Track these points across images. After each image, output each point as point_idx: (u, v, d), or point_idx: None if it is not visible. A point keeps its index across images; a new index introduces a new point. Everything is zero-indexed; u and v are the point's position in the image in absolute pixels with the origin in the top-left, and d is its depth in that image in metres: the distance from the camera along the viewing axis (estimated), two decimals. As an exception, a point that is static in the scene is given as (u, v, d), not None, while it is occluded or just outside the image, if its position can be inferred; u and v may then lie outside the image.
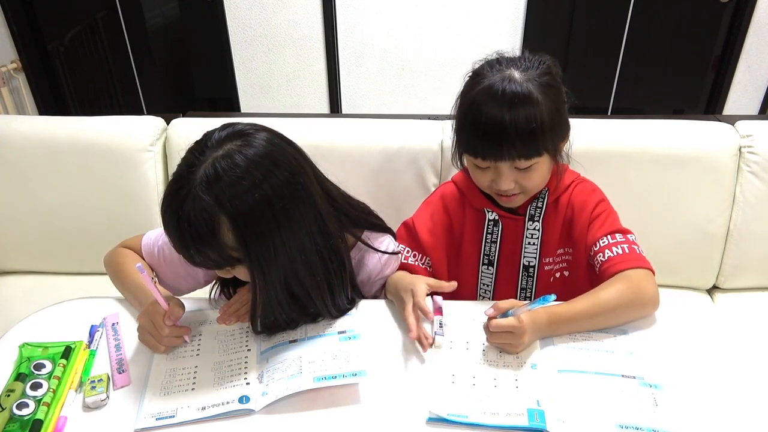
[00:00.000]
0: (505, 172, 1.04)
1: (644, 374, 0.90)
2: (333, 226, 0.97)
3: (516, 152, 1.00)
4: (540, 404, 0.85)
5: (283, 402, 0.88)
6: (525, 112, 0.98)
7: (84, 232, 1.61)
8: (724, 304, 1.57)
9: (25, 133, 1.56)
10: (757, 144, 1.46)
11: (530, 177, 1.05)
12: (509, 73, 1.01)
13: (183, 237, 0.87)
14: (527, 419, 0.83)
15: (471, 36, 2.37)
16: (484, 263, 1.19)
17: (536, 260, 1.16)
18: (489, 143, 1.01)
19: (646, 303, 1.02)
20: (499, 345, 0.95)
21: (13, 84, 2.52)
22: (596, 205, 1.14)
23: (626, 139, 1.47)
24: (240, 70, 2.51)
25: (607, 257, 1.06)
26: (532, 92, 0.99)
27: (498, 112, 0.98)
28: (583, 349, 0.95)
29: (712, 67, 2.45)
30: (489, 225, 1.16)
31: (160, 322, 0.95)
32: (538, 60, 1.05)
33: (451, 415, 0.84)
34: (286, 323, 0.99)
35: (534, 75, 1.01)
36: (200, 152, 0.88)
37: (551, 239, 1.15)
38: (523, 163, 1.02)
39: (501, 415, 0.84)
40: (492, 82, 1.01)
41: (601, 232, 1.10)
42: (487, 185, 1.09)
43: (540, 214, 1.14)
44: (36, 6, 2.49)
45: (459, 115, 1.07)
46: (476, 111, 1.01)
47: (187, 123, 1.58)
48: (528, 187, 1.07)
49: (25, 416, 0.86)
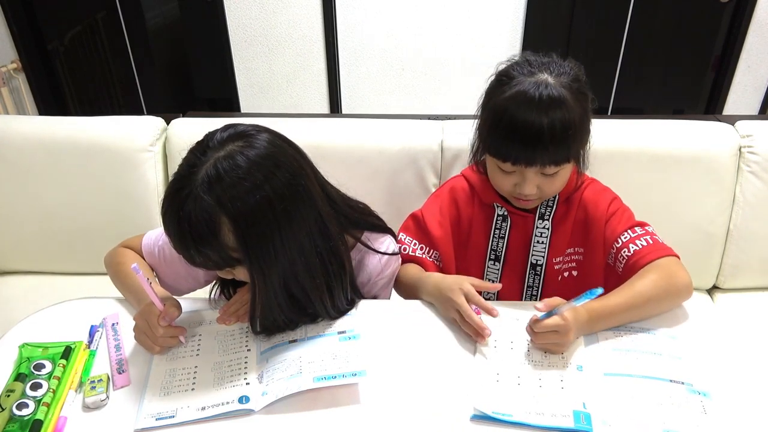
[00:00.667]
0: (530, 177, 1.04)
1: (693, 381, 0.89)
2: (333, 227, 0.97)
3: (548, 158, 1.00)
4: (586, 406, 0.85)
5: (283, 402, 0.88)
6: (561, 119, 0.98)
7: (84, 232, 1.61)
8: (724, 304, 1.57)
9: (25, 133, 1.56)
10: (757, 144, 1.46)
11: (554, 183, 1.06)
12: (543, 77, 1.00)
13: (183, 237, 0.87)
14: (573, 421, 0.83)
15: (471, 36, 2.37)
16: (490, 258, 1.19)
17: (544, 259, 1.16)
18: (523, 148, 1.00)
19: (681, 290, 1.02)
20: (544, 346, 0.94)
21: (13, 84, 2.52)
22: (610, 203, 1.14)
23: (626, 139, 1.47)
24: (240, 70, 2.51)
25: (633, 251, 1.07)
26: (567, 99, 0.99)
27: (535, 117, 0.97)
28: (630, 351, 0.95)
29: (712, 67, 2.45)
30: (498, 220, 1.16)
31: (155, 322, 0.95)
32: (568, 65, 1.05)
33: (496, 413, 0.84)
34: (285, 324, 0.99)
35: (567, 81, 1.01)
36: (202, 152, 0.88)
37: (561, 239, 1.15)
38: (552, 169, 1.02)
39: (546, 415, 0.84)
40: (526, 87, 0.99)
41: (620, 228, 1.11)
42: (508, 189, 1.08)
43: (550, 213, 1.14)
44: (36, 6, 2.49)
45: (489, 118, 1.05)
46: (511, 115, 0.99)
47: (187, 123, 1.58)
48: (548, 192, 1.08)
49: (25, 416, 0.86)
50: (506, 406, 0.85)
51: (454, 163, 1.48)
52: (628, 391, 0.87)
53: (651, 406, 0.85)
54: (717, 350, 0.96)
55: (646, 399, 0.86)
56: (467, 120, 1.53)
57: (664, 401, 0.86)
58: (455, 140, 1.48)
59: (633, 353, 0.94)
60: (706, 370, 0.91)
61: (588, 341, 0.97)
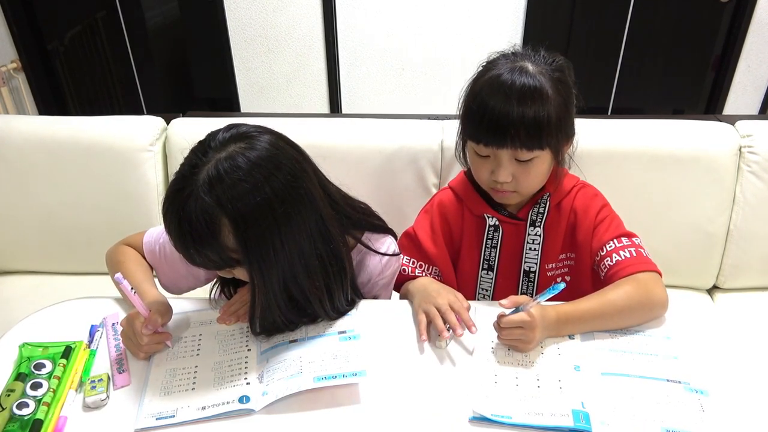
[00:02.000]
0: (504, 162, 1.03)
1: (690, 379, 0.89)
2: (334, 229, 0.97)
3: (519, 141, 1.00)
4: (585, 406, 0.85)
5: (283, 402, 0.88)
6: (533, 102, 0.98)
7: (84, 232, 1.61)
8: (724, 304, 1.57)
9: (25, 132, 1.56)
10: (757, 144, 1.46)
11: (528, 172, 1.04)
12: (522, 64, 1.01)
13: (184, 237, 0.87)
14: (572, 420, 0.83)
15: (471, 36, 2.37)
16: (483, 268, 1.19)
17: (537, 265, 1.16)
18: (494, 128, 1.00)
19: (655, 305, 1.01)
20: (510, 343, 0.95)
21: (13, 84, 2.52)
22: (600, 209, 1.13)
23: (626, 139, 1.47)
24: (240, 70, 2.51)
25: (615, 261, 1.06)
26: (543, 85, 0.99)
27: (505, 99, 0.98)
28: (626, 352, 0.95)
29: (712, 67, 2.45)
30: (489, 231, 1.16)
31: (139, 329, 0.95)
32: (553, 57, 1.05)
33: (495, 415, 0.84)
34: (284, 325, 0.99)
35: (547, 69, 1.01)
36: (203, 153, 0.88)
37: (554, 245, 1.15)
38: (525, 154, 1.01)
39: (545, 415, 0.84)
40: (502, 71, 1.01)
41: (606, 236, 1.09)
42: (486, 177, 1.08)
43: (542, 219, 1.14)
44: (36, 6, 2.49)
45: (466, 101, 1.06)
46: (484, 96, 1.00)
47: (187, 123, 1.58)
48: (524, 184, 1.06)
49: (25, 416, 0.86)
50: (505, 408, 0.85)
51: (454, 163, 1.48)
52: (626, 390, 0.88)
53: (649, 405, 0.85)
54: (717, 350, 0.96)
55: (643, 398, 0.86)
56: (467, 120, 1.54)
57: (661, 400, 0.86)
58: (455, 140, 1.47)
59: (629, 354, 0.94)
60: (705, 370, 0.91)
61: (585, 339, 0.97)
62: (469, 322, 0.97)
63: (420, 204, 1.26)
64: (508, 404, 0.86)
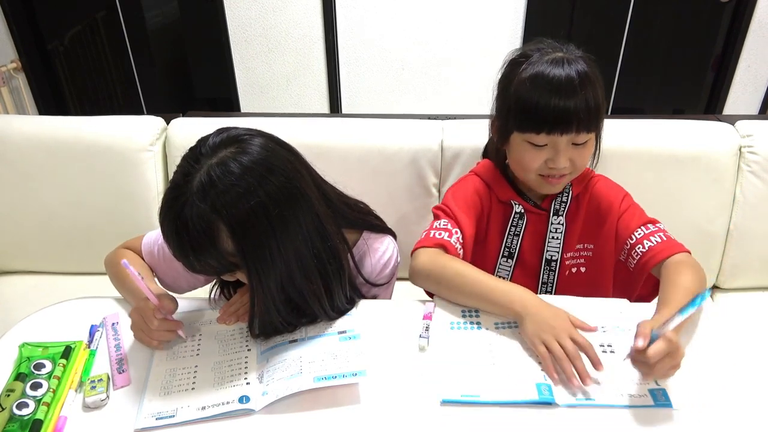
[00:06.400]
0: (562, 149, 1.04)
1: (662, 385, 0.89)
2: (331, 227, 0.97)
3: (583, 124, 1.02)
4: (546, 378, 0.89)
5: (283, 402, 0.87)
6: (589, 86, 1.01)
7: (84, 232, 1.61)
8: (724, 304, 1.57)
9: (26, 132, 1.56)
10: (757, 144, 1.46)
11: (583, 154, 1.07)
12: (561, 54, 1.03)
13: (182, 245, 0.87)
14: (537, 393, 0.86)
15: (471, 36, 2.37)
16: (503, 255, 1.19)
17: (558, 254, 1.17)
18: (558, 117, 1.01)
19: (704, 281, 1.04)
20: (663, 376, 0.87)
21: (13, 84, 2.52)
22: (622, 199, 1.16)
23: (626, 138, 1.47)
24: (240, 70, 2.51)
25: (648, 247, 1.09)
26: (588, 69, 1.03)
27: (566, 87, 1.00)
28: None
29: (712, 67, 2.46)
30: (515, 218, 1.17)
31: (150, 316, 0.95)
32: (581, 51, 1.07)
33: (465, 395, 0.87)
34: (283, 326, 0.99)
35: (582, 56, 1.04)
36: (195, 160, 0.88)
37: (573, 234, 1.17)
38: (583, 136, 1.04)
39: (511, 391, 0.87)
40: (550, 57, 1.02)
41: (634, 225, 1.13)
42: (538, 166, 1.07)
43: (564, 208, 1.15)
44: (36, 6, 2.49)
45: (514, 95, 1.05)
46: (541, 83, 1.01)
47: (187, 123, 1.57)
48: (579, 166, 1.08)
49: (25, 416, 0.86)
50: (473, 388, 0.88)
51: (454, 162, 1.48)
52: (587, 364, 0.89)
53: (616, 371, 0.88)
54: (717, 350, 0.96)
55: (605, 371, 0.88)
56: (467, 120, 1.54)
57: (626, 375, 0.88)
58: (455, 140, 1.48)
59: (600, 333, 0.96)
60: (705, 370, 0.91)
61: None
62: (595, 359, 0.88)
63: (420, 204, 1.26)
64: (475, 384, 0.88)
